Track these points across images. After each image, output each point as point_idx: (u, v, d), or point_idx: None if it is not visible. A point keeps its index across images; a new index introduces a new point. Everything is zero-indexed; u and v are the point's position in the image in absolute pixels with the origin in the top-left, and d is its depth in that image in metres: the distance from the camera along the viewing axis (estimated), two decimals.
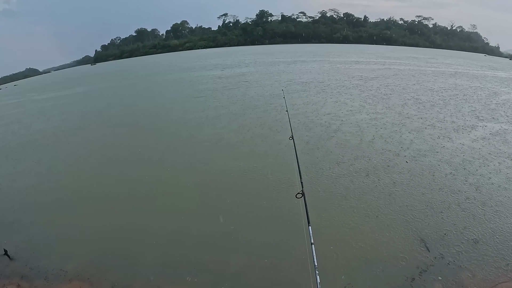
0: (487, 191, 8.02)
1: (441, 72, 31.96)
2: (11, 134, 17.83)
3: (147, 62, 76.03)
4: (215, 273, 5.78)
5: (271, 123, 14.39)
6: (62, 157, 12.77)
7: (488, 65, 43.63)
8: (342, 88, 22.17)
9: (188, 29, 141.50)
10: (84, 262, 6.33)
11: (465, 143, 11.18)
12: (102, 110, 21.93)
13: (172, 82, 33.19)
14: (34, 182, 10.52)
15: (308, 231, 3.37)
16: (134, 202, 8.54)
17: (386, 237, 6.41)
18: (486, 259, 5.77)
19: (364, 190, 8.24)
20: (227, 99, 20.66)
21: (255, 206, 7.79)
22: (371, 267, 5.65)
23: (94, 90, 34.87)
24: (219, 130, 13.97)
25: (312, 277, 2.85)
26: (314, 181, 8.80)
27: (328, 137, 12.23)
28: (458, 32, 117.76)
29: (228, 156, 10.95)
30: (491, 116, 14.55)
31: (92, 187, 9.64)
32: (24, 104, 30.58)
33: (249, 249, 6.32)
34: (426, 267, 5.61)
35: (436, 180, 8.65)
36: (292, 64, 40.50)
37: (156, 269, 6.03)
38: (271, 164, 10.01)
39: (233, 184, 9.02)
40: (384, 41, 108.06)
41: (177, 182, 9.51)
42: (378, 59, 46.35)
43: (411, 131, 12.59)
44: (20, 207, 8.86)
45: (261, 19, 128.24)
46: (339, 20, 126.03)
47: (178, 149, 12.30)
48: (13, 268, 6.41)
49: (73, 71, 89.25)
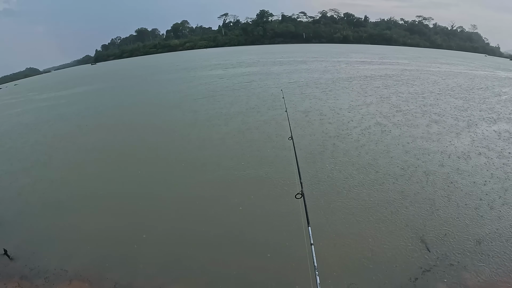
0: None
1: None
2: (11, 133, 17.84)
3: (148, 62, 76.02)
4: (215, 273, 5.78)
5: (271, 123, 14.38)
6: (62, 156, 12.77)
7: (492, 65, 43.61)
8: (339, 85, 22.21)
9: (188, 28, 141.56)
10: (85, 262, 6.33)
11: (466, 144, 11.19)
12: (102, 111, 21.95)
13: (172, 81, 33.16)
14: (34, 182, 10.52)
15: (307, 231, 3.37)
16: (135, 202, 8.54)
17: (387, 237, 6.41)
18: (489, 259, 5.78)
19: (364, 191, 8.23)
20: (227, 99, 20.66)
21: (254, 206, 7.79)
22: (372, 267, 5.65)
23: (95, 90, 34.86)
24: (218, 131, 13.96)
25: (312, 278, 2.85)
26: (314, 181, 8.79)
27: (329, 137, 12.23)
28: (459, 32, 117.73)
29: (227, 156, 10.94)
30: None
31: (93, 187, 9.64)
32: (24, 104, 30.61)
33: (249, 250, 6.33)
34: (429, 267, 5.62)
35: (436, 180, 8.66)
36: (303, 64, 40.46)
37: (156, 268, 6.04)
38: (270, 165, 10.00)
39: (233, 185, 9.01)
40: (385, 41, 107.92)
41: (177, 182, 9.52)
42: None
43: (399, 126, 12.60)
44: (20, 207, 8.86)
45: (261, 19, 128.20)
46: (340, 20, 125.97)
47: (178, 150, 12.29)
48: (13, 268, 6.42)
49: (74, 71, 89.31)
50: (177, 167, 10.60)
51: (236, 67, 41.20)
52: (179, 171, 10.27)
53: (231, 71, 37.49)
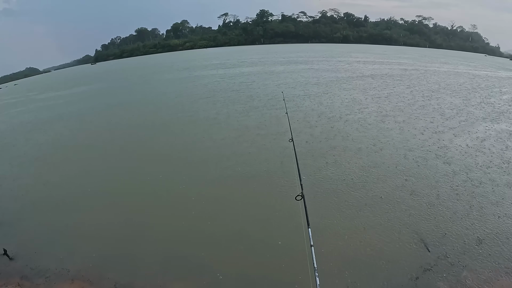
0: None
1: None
2: (11, 133, 17.86)
3: (148, 61, 75.95)
4: (215, 273, 5.80)
5: (271, 125, 14.35)
6: (63, 156, 12.78)
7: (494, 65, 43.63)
8: (340, 85, 22.22)
9: (188, 28, 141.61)
10: (85, 262, 6.35)
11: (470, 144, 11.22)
12: (102, 110, 21.92)
13: (173, 82, 33.16)
14: (34, 182, 10.54)
15: (307, 233, 3.38)
16: (135, 201, 8.56)
17: (387, 238, 6.43)
18: (489, 259, 5.80)
19: (365, 193, 8.24)
20: (227, 100, 20.64)
21: (255, 208, 7.80)
22: (372, 268, 5.67)
23: (95, 89, 34.84)
24: (218, 131, 13.95)
25: (312, 279, 2.86)
26: (314, 183, 8.79)
27: (329, 139, 12.23)
28: (459, 32, 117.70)
29: (227, 158, 10.93)
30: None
31: (94, 187, 9.64)
32: (24, 104, 30.58)
33: (249, 250, 6.34)
34: (429, 267, 5.64)
35: (438, 180, 8.68)
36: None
37: (157, 268, 6.05)
38: (271, 166, 10.00)
39: (233, 186, 9.00)
40: (384, 41, 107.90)
41: (177, 183, 9.50)
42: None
43: (399, 124, 12.61)
44: (20, 207, 8.88)
45: (261, 19, 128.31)
46: (340, 20, 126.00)
47: (178, 149, 12.29)
48: (13, 268, 6.43)
49: (74, 71, 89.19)
50: (178, 167, 10.60)
51: (237, 67, 41.19)
52: (179, 171, 10.26)
53: (232, 71, 37.47)
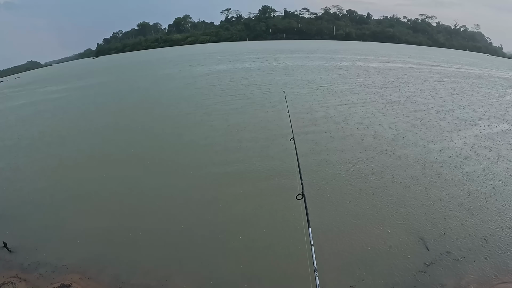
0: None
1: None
2: (11, 128, 17.81)
3: (150, 56, 75.63)
4: (215, 272, 5.79)
5: (272, 123, 14.23)
6: (64, 152, 12.75)
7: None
8: (342, 85, 22.10)
9: (190, 23, 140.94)
10: (84, 257, 6.34)
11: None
12: (102, 106, 21.92)
13: (173, 76, 33.04)
14: (34, 176, 10.53)
15: (308, 232, 3.36)
16: (135, 199, 8.53)
17: (387, 238, 6.41)
18: (489, 258, 5.79)
19: (365, 192, 8.21)
20: (228, 97, 20.46)
21: (255, 207, 7.76)
22: (372, 268, 5.65)
23: (96, 84, 34.73)
24: (219, 130, 13.79)
25: (312, 279, 2.85)
26: (315, 182, 8.74)
27: (331, 138, 12.16)
28: (462, 31, 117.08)
29: (228, 157, 10.83)
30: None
31: (94, 184, 9.61)
32: (25, 97, 30.55)
33: (249, 250, 6.32)
34: (428, 266, 5.64)
35: (439, 179, 8.67)
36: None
37: (155, 264, 6.05)
38: (272, 165, 9.93)
39: (233, 185, 8.91)
40: (387, 39, 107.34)
41: (177, 180, 9.47)
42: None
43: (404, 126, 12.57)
44: (21, 202, 8.86)
45: (264, 15, 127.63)
46: (342, 17, 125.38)
47: (178, 148, 12.20)
48: (12, 260, 6.43)
49: (75, 64, 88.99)
50: (177, 165, 10.53)
51: (239, 63, 41.00)
52: (179, 170, 10.19)
53: (233, 66, 37.32)
